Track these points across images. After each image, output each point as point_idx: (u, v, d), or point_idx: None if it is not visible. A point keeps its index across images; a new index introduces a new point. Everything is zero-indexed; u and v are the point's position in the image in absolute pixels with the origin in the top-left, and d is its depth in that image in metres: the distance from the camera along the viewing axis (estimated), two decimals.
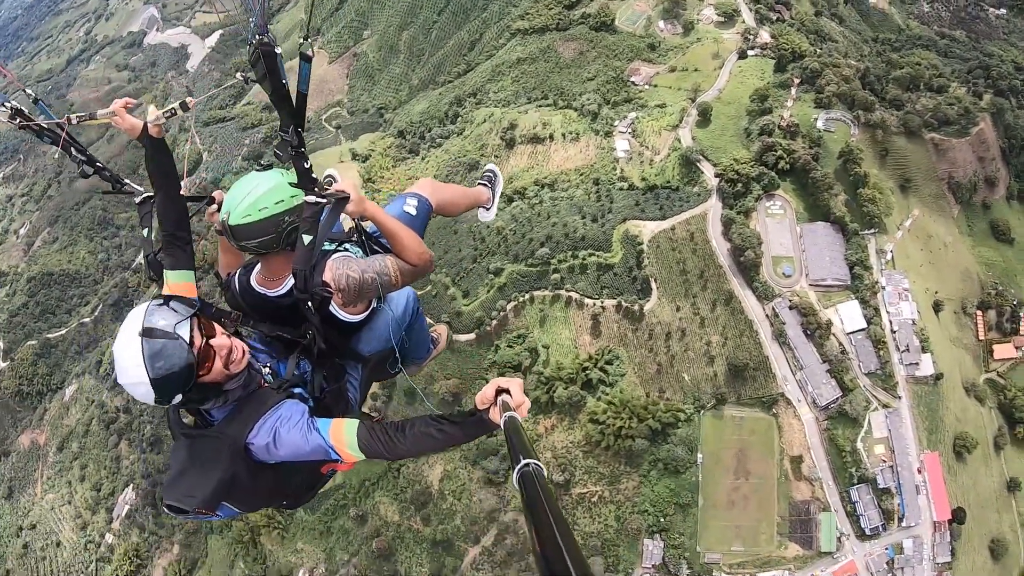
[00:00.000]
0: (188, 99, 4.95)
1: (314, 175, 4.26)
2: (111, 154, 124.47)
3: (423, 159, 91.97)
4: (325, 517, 73.60)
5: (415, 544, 68.10)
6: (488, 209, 7.24)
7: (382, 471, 72.26)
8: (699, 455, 63.65)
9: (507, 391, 3.47)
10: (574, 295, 71.02)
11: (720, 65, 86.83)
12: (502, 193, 7.67)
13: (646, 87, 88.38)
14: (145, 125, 4.72)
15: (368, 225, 5.00)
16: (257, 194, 4.17)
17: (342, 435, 3.85)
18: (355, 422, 3.92)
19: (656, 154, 79.14)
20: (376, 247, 5.05)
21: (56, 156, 4.71)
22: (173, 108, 4.82)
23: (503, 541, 64.61)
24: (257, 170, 4.40)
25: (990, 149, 79.62)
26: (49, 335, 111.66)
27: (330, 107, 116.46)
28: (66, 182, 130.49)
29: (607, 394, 65.92)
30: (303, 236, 4.13)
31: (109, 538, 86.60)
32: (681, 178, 75.89)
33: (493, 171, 7.55)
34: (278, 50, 3.69)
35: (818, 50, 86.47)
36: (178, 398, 3.64)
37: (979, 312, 73.80)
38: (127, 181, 5.11)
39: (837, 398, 63.12)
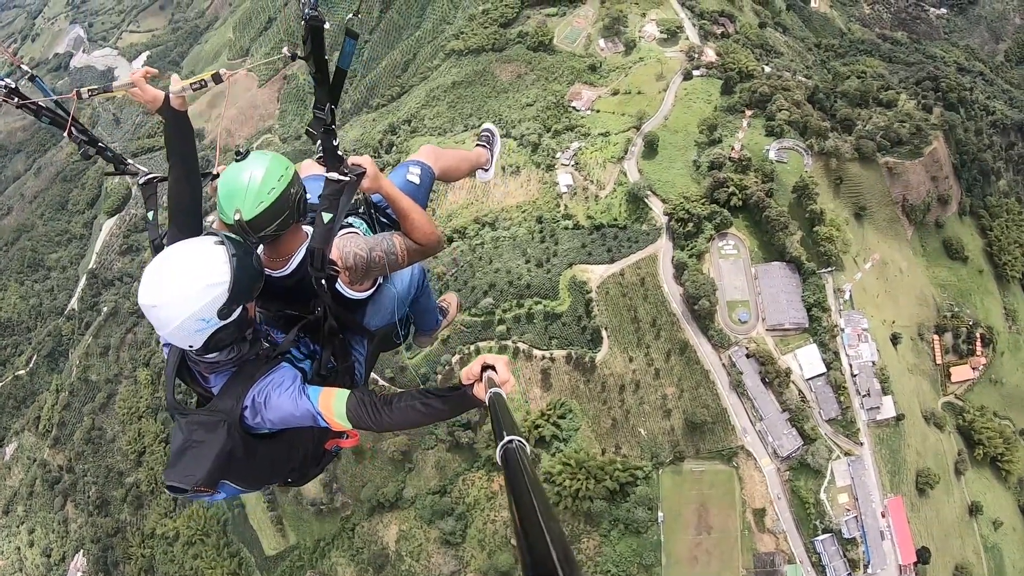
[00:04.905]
0: (223, 70, 4.30)
1: (340, 153, 4.07)
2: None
3: None
4: None
5: None
6: (487, 170, 6.73)
7: (336, 530, 66.81)
8: (660, 513, 58.14)
9: (493, 367, 3.22)
10: (522, 346, 64.20)
11: (665, 87, 78.44)
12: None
13: (588, 112, 79.73)
14: (167, 97, 4.24)
15: (374, 196, 4.73)
16: (259, 179, 3.69)
17: (331, 403, 3.67)
18: (345, 392, 3.72)
19: (601, 189, 71.28)
20: (383, 219, 4.77)
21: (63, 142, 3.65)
22: (203, 79, 4.22)
23: None
24: (236, 161, 3.78)
25: (943, 168, 73.53)
26: None
27: (261, 133, 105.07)
28: None
29: (562, 452, 60.00)
30: (323, 214, 3.91)
31: None
32: (629, 215, 68.41)
33: (491, 131, 6.95)
34: (327, 26, 3.57)
35: (765, 68, 79.11)
36: (237, 312, 3.45)
37: (936, 336, 69.42)
38: (130, 161, 4.63)
39: (798, 448, 57.80)
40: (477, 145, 6.89)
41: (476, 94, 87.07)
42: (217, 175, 4.08)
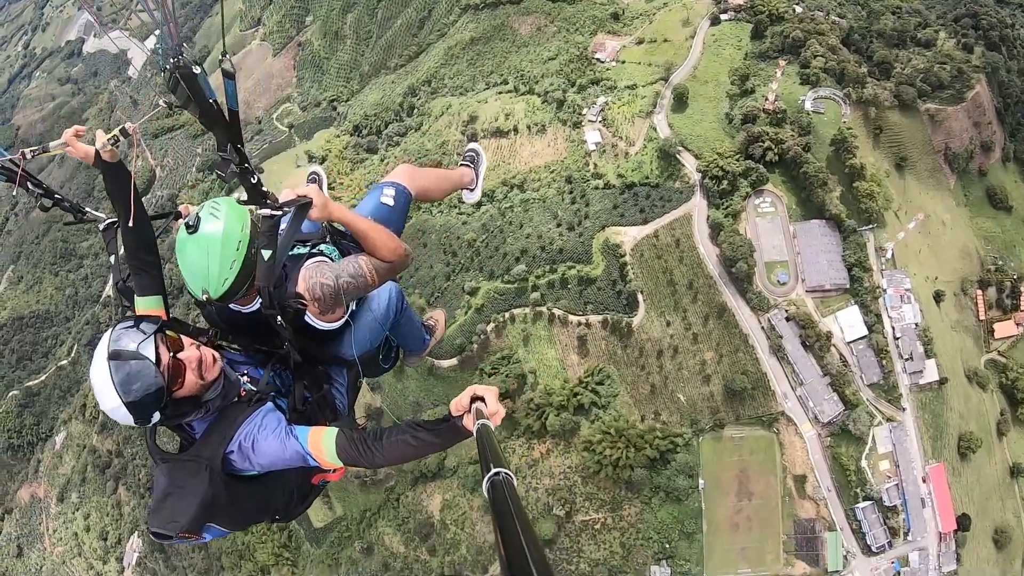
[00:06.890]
0: (128, 124, 4.10)
1: (264, 187, 3.81)
2: (62, 178, 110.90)
3: (382, 160, 79.06)
4: (332, 549, 67.80)
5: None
6: (472, 191, 6.39)
7: (381, 501, 66.12)
8: (700, 480, 56.32)
9: (482, 399, 3.13)
10: (557, 312, 61.26)
11: (692, 33, 72.47)
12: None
13: (613, 64, 74.33)
14: (98, 151, 4.06)
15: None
16: (217, 256, 3.51)
17: (320, 443, 3.52)
18: (334, 430, 3.57)
19: (631, 145, 66.79)
20: (352, 244, 4.39)
21: (13, 193, 4.18)
22: (115, 135, 4.08)
23: None
24: (189, 233, 3.53)
25: (985, 113, 67.86)
26: (30, 383, 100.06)
27: (280, 103, 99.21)
28: (23, 214, 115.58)
29: (601, 419, 57.62)
30: (263, 252, 3.66)
31: None
32: (660, 173, 64.12)
33: (476, 150, 6.63)
34: (196, 70, 3.28)
35: (796, 7, 72.99)
36: (156, 417, 3.29)
37: (979, 292, 64.95)
38: (88, 209, 4.43)
39: (839, 413, 55.14)
40: (461, 164, 6.47)
41: (496, 50, 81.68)
42: (180, 215, 3.76)
